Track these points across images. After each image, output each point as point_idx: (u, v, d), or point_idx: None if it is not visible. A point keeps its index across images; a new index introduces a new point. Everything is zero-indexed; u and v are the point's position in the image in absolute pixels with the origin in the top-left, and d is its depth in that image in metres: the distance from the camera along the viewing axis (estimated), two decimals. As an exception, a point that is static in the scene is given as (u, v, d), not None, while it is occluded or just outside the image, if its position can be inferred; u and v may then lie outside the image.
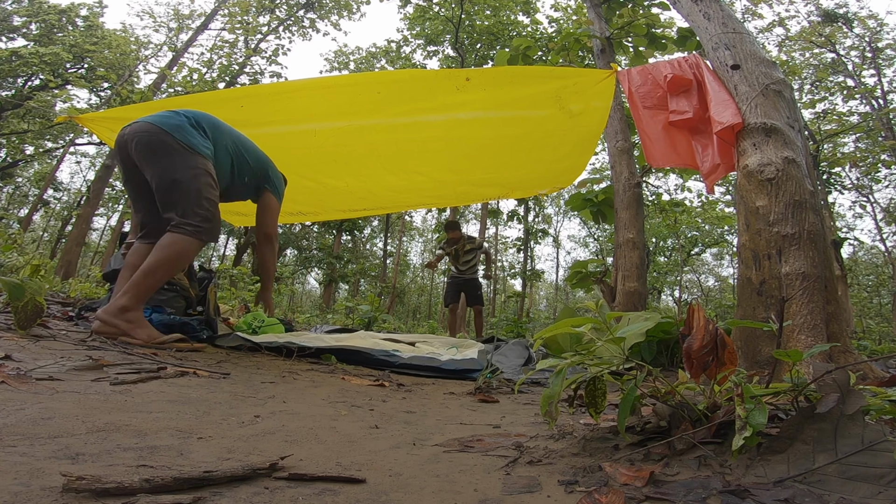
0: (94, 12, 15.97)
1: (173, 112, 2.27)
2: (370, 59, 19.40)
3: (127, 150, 2.20)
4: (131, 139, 2.17)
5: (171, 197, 2.12)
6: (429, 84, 2.97)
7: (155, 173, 2.14)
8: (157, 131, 2.14)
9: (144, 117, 2.23)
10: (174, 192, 2.12)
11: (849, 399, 0.69)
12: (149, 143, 2.14)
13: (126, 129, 2.21)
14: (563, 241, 33.95)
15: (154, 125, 2.16)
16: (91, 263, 20.03)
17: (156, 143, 2.14)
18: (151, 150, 2.14)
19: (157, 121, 2.18)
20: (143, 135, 2.15)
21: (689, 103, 2.52)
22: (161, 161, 2.13)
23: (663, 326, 2.44)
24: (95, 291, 5.40)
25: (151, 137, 2.14)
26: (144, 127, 2.17)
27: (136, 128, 2.18)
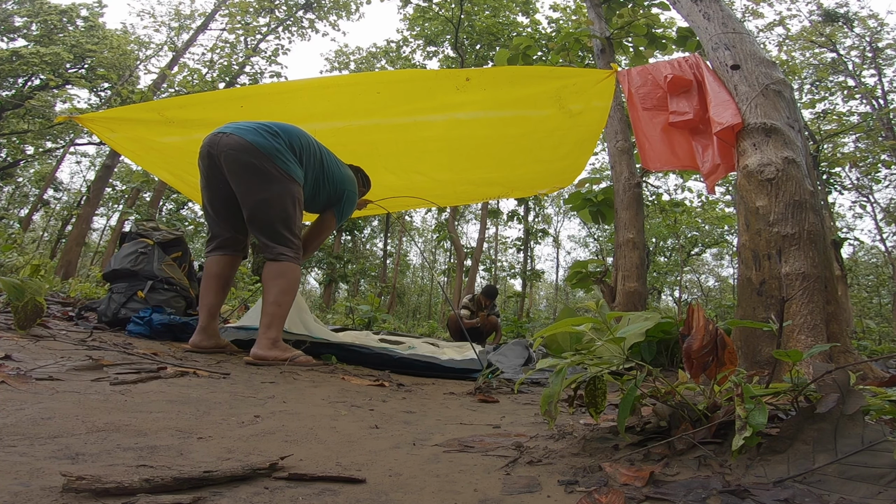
0: (95, 12, 15.98)
1: (268, 130, 2.15)
2: (370, 60, 19.41)
3: (216, 160, 2.09)
4: (225, 153, 2.06)
5: (266, 223, 2.10)
6: (429, 84, 2.97)
7: (250, 195, 2.07)
8: (256, 153, 2.05)
9: (238, 127, 2.11)
10: (270, 219, 2.09)
11: (849, 399, 0.69)
12: (246, 165, 2.05)
13: (218, 139, 2.08)
14: (563, 241, 33.95)
15: (252, 145, 2.05)
16: (91, 263, 20.03)
17: (254, 167, 2.05)
18: (248, 171, 2.05)
19: (255, 140, 2.07)
20: (240, 153, 2.04)
21: (690, 104, 2.52)
22: (259, 185, 2.06)
23: (663, 326, 2.44)
24: (95, 291, 5.41)
25: (250, 158, 2.04)
26: (242, 144, 2.05)
27: (231, 143, 2.06)
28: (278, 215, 2.11)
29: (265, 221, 2.09)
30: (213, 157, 2.09)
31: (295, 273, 2.11)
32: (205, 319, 2.14)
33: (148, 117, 2.81)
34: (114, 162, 12.90)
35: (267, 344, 1.97)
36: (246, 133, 2.08)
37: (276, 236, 2.10)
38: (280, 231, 2.11)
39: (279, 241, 2.11)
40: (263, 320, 2.02)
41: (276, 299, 2.04)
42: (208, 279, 2.20)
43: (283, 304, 2.06)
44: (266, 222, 2.09)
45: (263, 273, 2.10)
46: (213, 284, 2.20)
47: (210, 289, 2.19)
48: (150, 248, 2.83)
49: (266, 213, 2.09)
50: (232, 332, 2.47)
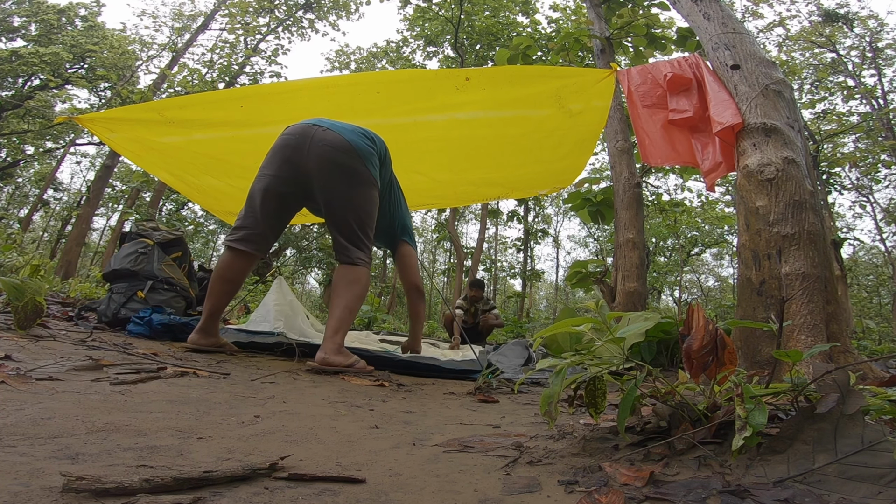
0: (93, 12, 15.97)
1: (365, 134, 2.15)
2: (371, 60, 19.41)
3: (304, 152, 2.03)
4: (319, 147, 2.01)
5: (348, 223, 2.07)
6: (429, 84, 2.97)
7: (337, 194, 2.04)
8: (353, 154, 2.04)
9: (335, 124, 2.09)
10: (353, 220, 2.07)
11: (849, 399, 0.69)
12: (343, 166, 2.02)
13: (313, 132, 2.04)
14: (563, 241, 33.95)
15: (351, 146, 2.04)
16: (91, 263, 20.03)
17: (349, 167, 2.03)
18: (342, 170, 2.03)
19: (354, 141, 2.06)
20: (338, 151, 2.01)
21: (690, 102, 2.52)
22: (349, 185, 2.05)
23: (663, 326, 2.44)
24: (95, 291, 5.41)
25: (348, 160, 2.03)
26: (341, 143, 2.03)
27: (330, 138, 2.03)
28: (360, 217, 2.09)
29: (348, 221, 2.06)
30: (302, 149, 2.03)
31: (367, 280, 2.09)
32: (205, 320, 2.11)
33: (148, 117, 2.81)
34: (114, 162, 12.91)
35: (334, 349, 1.92)
36: (344, 132, 2.06)
37: (355, 239, 2.08)
38: (359, 234, 2.08)
39: (357, 244, 2.08)
40: (332, 324, 1.96)
41: (350, 304, 2.00)
42: (218, 282, 2.10)
43: (355, 311, 2.03)
44: (348, 222, 2.07)
45: (338, 276, 2.05)
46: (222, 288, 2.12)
47: (217, 291, 2.11)
48: (150, 248, 2.83)
49: (350, 212, 2.06)
50: (232, 334, 2.47)
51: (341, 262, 2.08)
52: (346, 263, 2.05)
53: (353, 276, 2.03)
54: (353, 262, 2.05)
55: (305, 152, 2.02)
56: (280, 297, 2.92)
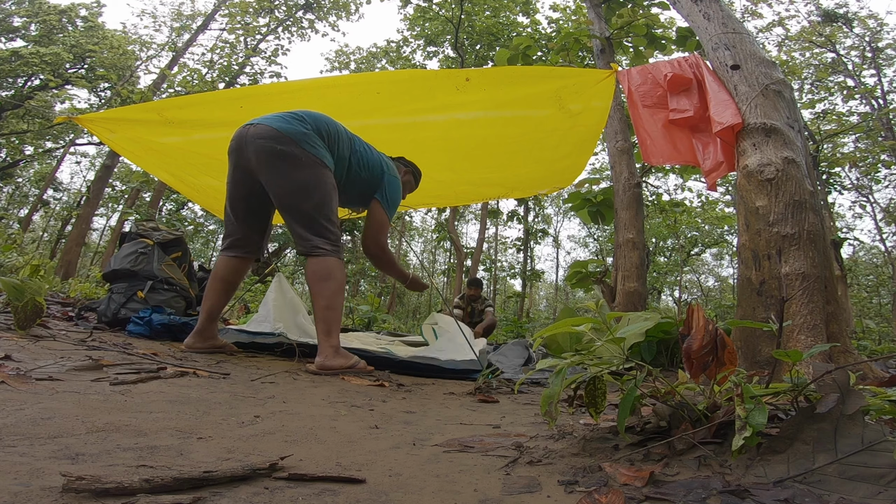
0: (94, 12, 15.98)
1: (294, 116, 2.08)
2: (371, 60, 19.41)
3: (244, 153, 2.01)
4: (252, 143, 1.98)
5: (299, 210, 1.99)
6: (429, 84, 2.97)
7: (281, 185, 1.98)
8: (282, 138, 1.96)
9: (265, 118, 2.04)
10: (303, 206, 1.98)
11: (849, 399, 0.69)
12: (276, 153, 1.95)
13: (245, 131, 2.02)
14: (562, 242, 33.92)
15: (278, 131, 1.97)
16: (91, 263, 20.03)
17: (282, 153, 1.96)
18: (277, 157, 1.96)
19: (280, 126, 1.99)
20: (268, 141, 1.96)
21: (690, 102, 2.52)
22: (289, 171, 1.97)
23: (663, 326, 2.44)
24: (95, 291, 5.41)
25: (278, 146, 1.96)
26: (269, 132, 1.97)
27: (258, 132, 1.98)
28: (311, 201, 1.99)
29: (298, 209, 1.98)
30: (241, 150, 2.02)
31: (340, 269, 1.99)
32: (203, 321, 2.11)
33: (147, 118, 2.81)
34: (114, 162, 12.91)
35: (331, 352, 1.87)
36: (272, 121, 2.01)
37: (311, 225, 1.98)
38: (316, 219, 1.99)
39: (315, 230, 1.98)
40: (321, 327, 1.91)
41: (329, 303, 1.92)
42: (213, 281, 2.16)
43: (337, 306, 1.95)
44: (299, 209, 1.98)
45: (307, 274, 1.98)
46: (217, 287, 2.15)
47: (213, 291, 2.14)
48: (149, 248, 2.83)
49: (298, 199, 1.98)
50: (233, 335, 2.47)
51: (304, 253, 1.98)
52: (311, 255, 1.96)
53: (321, 271, 1.94)
54: (317, 253, 1.95)
55: (245, 153, 2.01)
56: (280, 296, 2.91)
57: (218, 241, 25.75)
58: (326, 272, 1.95)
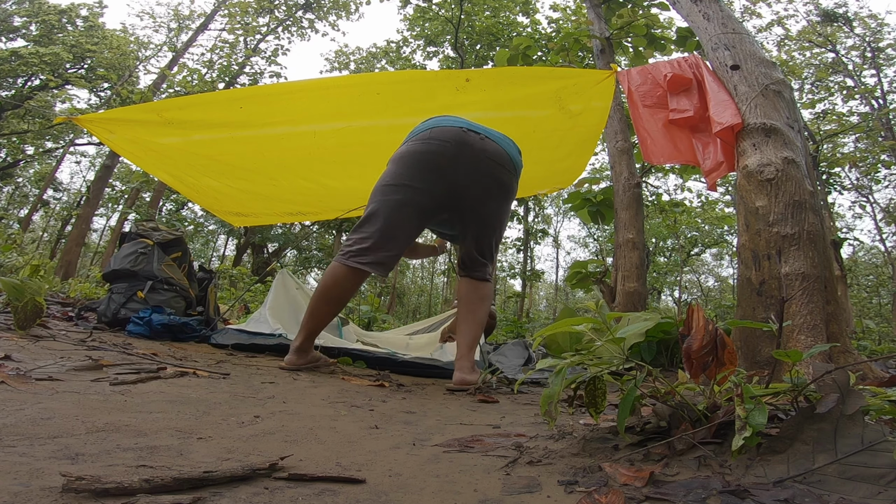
0: (94, 12, 15.99)
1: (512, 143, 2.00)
2: (370, 60, 19.41)
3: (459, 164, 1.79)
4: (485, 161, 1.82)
5: (495, 242, 2.03)
6: (429, 85, 2.97)
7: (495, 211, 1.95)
8: (513, 169, 1.93)
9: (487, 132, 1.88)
10: (496, 240, 2.03)
11: (849, 399, 0.69)
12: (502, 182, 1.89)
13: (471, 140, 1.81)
14: (562, 242, 33.93)
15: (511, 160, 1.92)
16: (91, 263, 20.02)
17: (507, 185, 1.92)
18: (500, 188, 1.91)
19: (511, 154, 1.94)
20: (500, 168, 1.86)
21: (690, 102, 2.52)
22: (506, 202, 1.98)
23: (663, 327, 2.44)
24: (95, 292, 5.41)
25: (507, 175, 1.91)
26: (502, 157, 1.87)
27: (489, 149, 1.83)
28: (501, 234, 2.07)
29: (491, 239, 2.00)
30: (460, 159, 1.79)
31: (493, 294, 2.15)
32: (304, 340, 1.86)
33: (147, 118, 2.81)
34: (113, 162, 12.91)
35: (469, 368, 1.84)
36: (504, 144, 1.93)
37: (491, 255, 2.03)
38: (495, 249, 2.06)
39: (492, 259, 2.04)
40: (468, 342, 1.88)
41: (482, 321, 1.96)
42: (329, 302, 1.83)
43: (482, 324, 1.97)
44: (491, 240, 2.01)
45: (468, 291, 1.96)
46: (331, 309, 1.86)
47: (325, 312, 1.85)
48: (149, 248, 2.83)
49: (497, 230, 2.01)
50: (233, 335, 2.47)
51: (473, 277, 1.97)
52: (479, 280, 1.98)
53: (484, 293, 1.99)
54: (488, 279, 2.02)
55: (461, 165, 1.79)
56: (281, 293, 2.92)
57: (218, 241, 25.71)
58: (486, 294, 2.01)
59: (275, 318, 2.72)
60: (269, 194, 3.54)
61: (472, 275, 1.98)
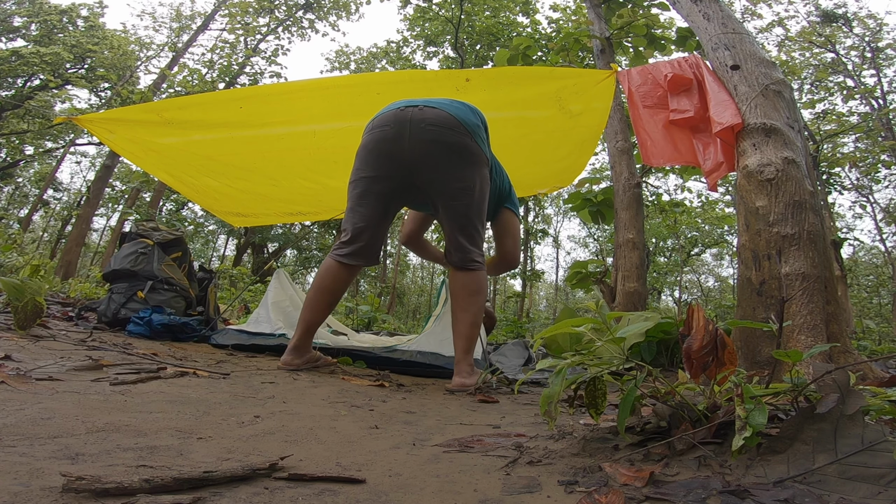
0: (95, 13, 15.99)
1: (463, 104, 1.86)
2: (371, 60, 19.42)
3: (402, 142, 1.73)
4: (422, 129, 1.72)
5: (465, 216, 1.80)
6: (429, 85, 2.97)
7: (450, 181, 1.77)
8: (460, 129, 1.74)
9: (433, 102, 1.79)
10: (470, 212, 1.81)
11: (849, 399, 0.69)
12: (450, 143, 1.73)
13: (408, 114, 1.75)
14: (562, 242, 33.95)
15: (456, 120, 1.75)
16: (91, 263, 20.02)
17: (459, 146, 1.74)
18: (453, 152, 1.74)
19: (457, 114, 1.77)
20: (444, 129, 1.73)
21: (690, 102, 2.52)
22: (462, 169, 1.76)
23: (663, 327, 2.44)
24: (95, 292, 5.41)
25: (453, 136, 1.73)
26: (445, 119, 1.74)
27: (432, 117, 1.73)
28: (477, 207, 1.82)
29: (465, 215, 1.79)
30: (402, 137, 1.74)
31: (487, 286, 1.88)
32: (301, 337, 1.86)
33: (147, 118, 2.81)
34: (114, 162, 12.91)
35: (468, 370, 1.77)
36: (446, 106, 1.80)
37: (472, 233, 1.83)
38: (476, 228, 1.84)
39: (473, 241, 1.83)
40: (462, 345, 1.78)
41: (476, 320, 1.81)
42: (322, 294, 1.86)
43: (479, 324, 1.85)
44: (465, 216, 1.80)
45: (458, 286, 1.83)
46: (326, 300, 1.88)
47: (321, 304, 1.87)
48: (149, 248, 2.83)
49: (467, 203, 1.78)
50: (233, 335, 2.47)
51: (459, 266, 1.82)
52: (467, 269, 1.81)
53: (476, 285, 1.81)
54: (472, 266, 1.81)
55: (406, 140, 1.74)
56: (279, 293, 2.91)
57: (218, 241, 25.71)
58: (478, 286, 1.83)
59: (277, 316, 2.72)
60: (269, 194, 3.54)
61: (455, 262, 1.84)
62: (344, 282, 1.89)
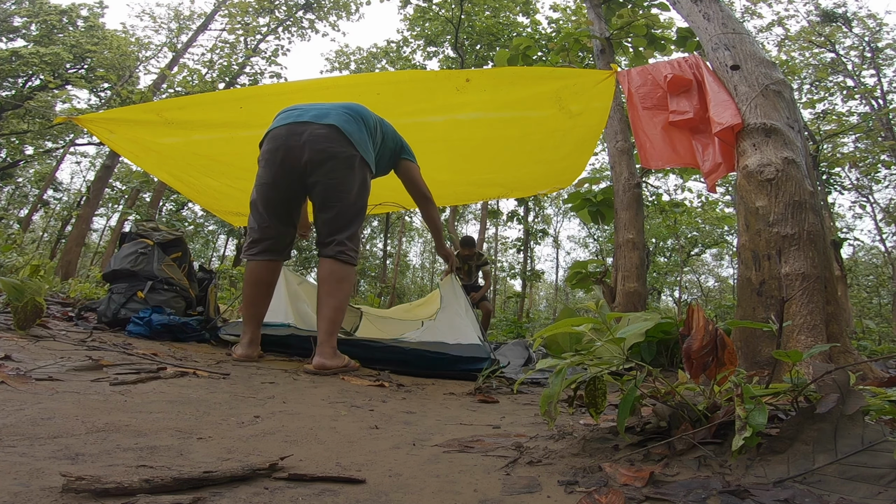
0: (95, 13, 15.99)
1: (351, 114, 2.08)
2: (371, 60, 19.42)
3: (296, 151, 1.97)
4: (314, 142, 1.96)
5: (344, 217, 2.03)
6: (429, 85, 2.97)
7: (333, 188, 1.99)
8: (346, 142, 1.99)
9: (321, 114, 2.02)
10: (349, 216, 2.04)
11: (849, 399, 0.69)
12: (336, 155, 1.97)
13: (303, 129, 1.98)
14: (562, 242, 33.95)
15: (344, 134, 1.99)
16: (91, 263, 20.02)
17: (345, 157, 1.98)
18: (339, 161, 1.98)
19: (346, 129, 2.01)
20: (331, 143, 1.97)
21: (690, 103, 2.52)
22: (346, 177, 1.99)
23: (663, 327, 2.44)
24: (95, 292, 5.40)
25: (341, 148, 1.98)
26: (333, 134, 1.98)
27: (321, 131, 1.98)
28: (357, 210, 2.06)
29: (344, 215, 2.02)
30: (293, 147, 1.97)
31: (353, 277, 2.08)
32: (254, 331, 2.05)
33: (147, 118, 2.81)
34: (114, 162, 12.90)
35: (330, 353, 1.90)
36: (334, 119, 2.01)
37: (347, 231, 2.03)
38: (353, 225, 2.05)
39: (350, 238, 2.04)
40: (325, 326, 1.93)
41: (341, 305, 1.98)
42: (257, 286, 2.07)
43: (344, 310, 2.02)
44: (344, 216, 2.03)
45: (326, 274, 1.99)
46: (261, 292, 2.09)
47: (258, 296, 2.08)
48: (149, 248, 2.83)
49: (347, 205, 2.02)
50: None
51: (330, 256, 2.00)
52: (337, 259, 2.00)
53: (342, 274, 2.00)
54: (343, 258, 2.00)
55: (298, 151, 1.97)
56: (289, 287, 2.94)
57: (218, 241, 25.73)
58: (345, 276, 2.01)
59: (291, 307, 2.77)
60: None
61: (329, 253, 2.01)
62: (267, 274, 2.10)
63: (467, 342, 2.33)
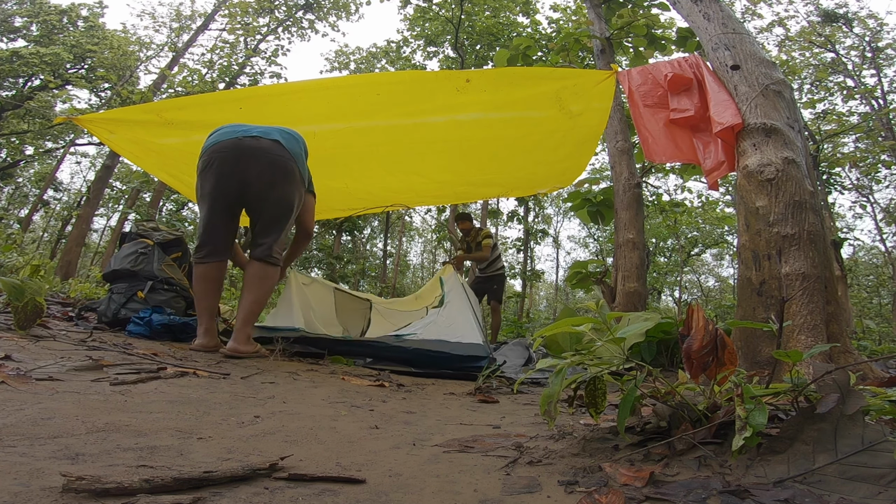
0: (95, 13, 15.99)
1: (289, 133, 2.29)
2: (370, 60, 19.41)
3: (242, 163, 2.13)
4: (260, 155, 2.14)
5: (278, 223, 2.23)
6: (429, 85, 2.97)
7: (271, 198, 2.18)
8: (288, 156, 2.19)
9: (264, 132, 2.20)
10: (282, 223, 2.24)
11: (849, 399, 0.69)
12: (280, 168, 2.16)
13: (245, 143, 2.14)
14: (562, 242, 33.93)
15: (286, 149, 2.19)
16: (91, 264, 20.01)
17: (286, 170, 2.18)
18: (282, 174, 2.17)
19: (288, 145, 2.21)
20: (275, 157, 2.16)
21: (691, 101, 2.52)
22: (284, 185, 2.19)
23: (663, 327, 2.44)
24: (95, 292, 5.40)
25: (284, 162, 2.18)
26: (277, 148, 2.17)
27: (266, 146, 2.15)
28: (289, 218, 2.25)
29: (279, 221, 2.22)
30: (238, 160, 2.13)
31: (276, 277, 2.29)
32: (209, 321, 2.19)
33: (146, 119, 2.81)
34: (114, 162, 12.90)
35: (244, 339, 2.09)
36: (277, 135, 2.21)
37: (278, 237, 2.22)
38: (283, 232, 2.24)
39: (278, 242, 2.22)
40: (243, 316, 2.13)
41: (259, 299, 2.17)
42: (206, 283, 2.24)
43: (263, 304, 2.22)
44: (278, 223, 2.22)
45: (253, 272, 2.19)
46: (213, 287, 2.25)
47: (210, 292, 2.23)
48: (149, 248, 2.83)
49: (282, 213, 2.22)
50: (255, 332, 2.48)
51: (258, 257, 2.19)
52: (265, 262, 2.19)
53: (267, 273, 2.20)
54: (271, 261, 2.20)
55: (244, 163, 2.13)
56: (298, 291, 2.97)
57: (218, 241, 25.67)
58: (269, 275, 2.22)
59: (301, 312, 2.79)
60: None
61: (257, 255, 2.20)
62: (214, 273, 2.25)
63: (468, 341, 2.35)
